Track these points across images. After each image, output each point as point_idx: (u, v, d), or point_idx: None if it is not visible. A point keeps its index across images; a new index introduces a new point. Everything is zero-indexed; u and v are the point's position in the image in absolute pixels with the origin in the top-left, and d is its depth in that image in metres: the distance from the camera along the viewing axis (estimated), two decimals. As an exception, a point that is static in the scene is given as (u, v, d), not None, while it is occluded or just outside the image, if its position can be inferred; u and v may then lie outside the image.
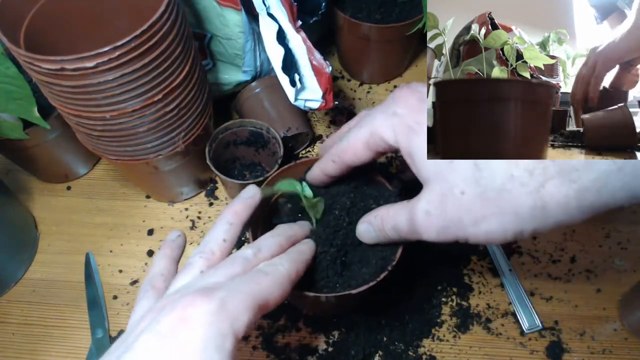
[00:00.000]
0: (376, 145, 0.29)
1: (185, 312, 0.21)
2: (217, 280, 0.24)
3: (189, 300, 0.21)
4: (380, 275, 0.32)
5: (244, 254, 0.26)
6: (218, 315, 0.21)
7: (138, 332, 0.21)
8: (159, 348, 0.20)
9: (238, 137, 0.48)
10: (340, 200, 0.35)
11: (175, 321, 0.21)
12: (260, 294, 0.23)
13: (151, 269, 0.28)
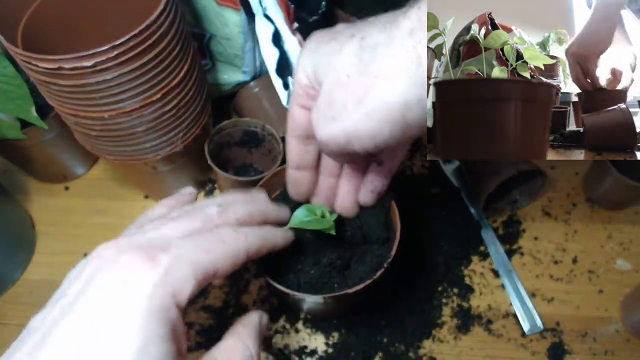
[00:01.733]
0: (304, 98, 0.27)
1: (126, 275, 0.19)
2: (172, 233, 0.22)
3: (131, 259, 0.20)
4: (377, 273, 0.32)
5: (207, 211, 0.24)
6: (163, 286, 0.19)
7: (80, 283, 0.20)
8: (99, 312, 0.19)
9: (232, 138, 0.48)
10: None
11: (116, 282, 0.19)
12: (209, 264, 0.21)
13: (148, 212, 0.26)
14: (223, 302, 0.44)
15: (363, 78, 0.23)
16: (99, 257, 0.21)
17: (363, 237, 0.35)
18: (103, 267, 0.20)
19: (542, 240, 0.48)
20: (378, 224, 0.35)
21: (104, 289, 0.19)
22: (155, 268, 0.20)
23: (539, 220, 0.49)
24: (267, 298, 0.44)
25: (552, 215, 0.49)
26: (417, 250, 0.46)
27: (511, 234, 0.48)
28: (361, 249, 0.34)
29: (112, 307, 0.19)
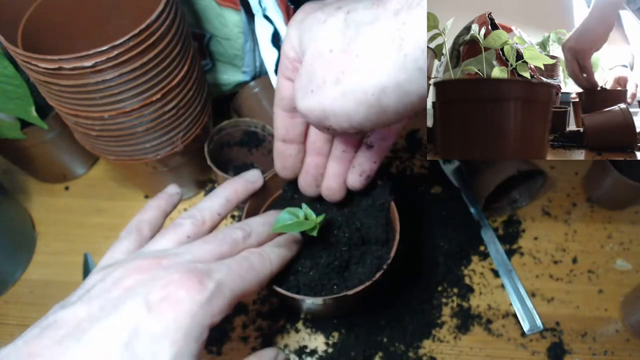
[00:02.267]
0: (290, 70, 0.27)
1: (176, 293, 0.21)
2: (205, 256, 0.24)
3: (181, 279, 0.21)
4: (376, 274, 0.32)
5: (233, 236, 0.26)
6: (205, 307, 0.21)
7: (122, 289, 0.21)
8: (144, 320, 0.20)
9: (232, 137, 0.48)
10: (336, 204, 0.35)
11: (165, 297, 0.20)
12: (243, 289, 0.24)
13: (140, 214, 0.27)
14: (223, 302, 0.44)
15: (344, 55, 0.22)
16: (140, 270, 0.22)
17: (362, 238, 0.35)
18: (149, 281, 0.21)
19: (542, 240, 0.48)
20: (377, 224, 0.35)
21: (150, 300, 0.20)
22: (202, 292, 0.21)
23: (538, 220, 0.49)
24: (267, 298, 0.44)
25: (552, 215, 0.49)
26: (417, 250, 0.46)
27: (511, 233, 0.48)
28: (360, 250, 0.34)
29: (156, 317, 0.20)
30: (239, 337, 0.42)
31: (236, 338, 0.42)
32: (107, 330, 0.20)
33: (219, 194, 0.28)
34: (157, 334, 0.20)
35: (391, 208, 0.35)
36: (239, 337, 0.42)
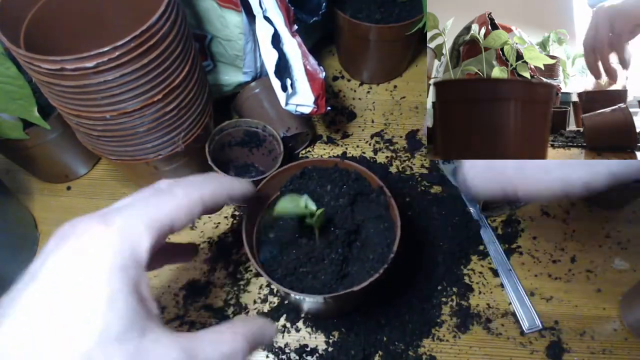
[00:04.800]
0: None
1: (82, 242, 0.20)
2: (120, 203, 0.22)
3: (85, 227, 0.20)
4: (379, 270, 0.32)
5: (158, 185, 0.24)
6: (117, 245, 0.20)
7: (43, 257, 0.20)
8: (60, 281, 0.19)
9: (233, 137, 0.48)
10: (336, 203, 0.35)
11: (75, 251, 0.19)
12: (163, 216, 0.22)
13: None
14: (223, 301, 0.44)
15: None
16: (57, 234, 0.21)
17: (361, 237, 0.35)
18: (61, 240, 0.20)
19: (540, 240, 0.48)
20: (378, 223, 0.35)
21: (64, 256, 0.20)
22: (109, 228, 0.20)
23: (537, 220, 0.49)
24: (267, 298, 0.44)
25: (550, 215, 0.49)
26: (416, 250, 0.46)
27: (510, 233, 0.48)
28: (362, 249, 0.34)
29: (74, 270, 0.19)
30: (240, 336, 0.42)
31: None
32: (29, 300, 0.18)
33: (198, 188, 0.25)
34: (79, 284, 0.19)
35: (391, 207, 0.36)
36: (240, 335, 0.42)
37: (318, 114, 0.45)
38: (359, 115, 0.57)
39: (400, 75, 0.61)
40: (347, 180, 0.36)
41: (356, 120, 0.57)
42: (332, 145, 0.55)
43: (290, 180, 0.36)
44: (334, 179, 0.36)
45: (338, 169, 0.36)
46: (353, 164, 0.36)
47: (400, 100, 0.59)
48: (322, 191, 0.36)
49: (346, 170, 0.36)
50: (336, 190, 0.35)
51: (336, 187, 0.35)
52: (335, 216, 0.34)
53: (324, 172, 0.36)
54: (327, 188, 0.36)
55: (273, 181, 0.37)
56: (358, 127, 0.56)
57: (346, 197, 0.35)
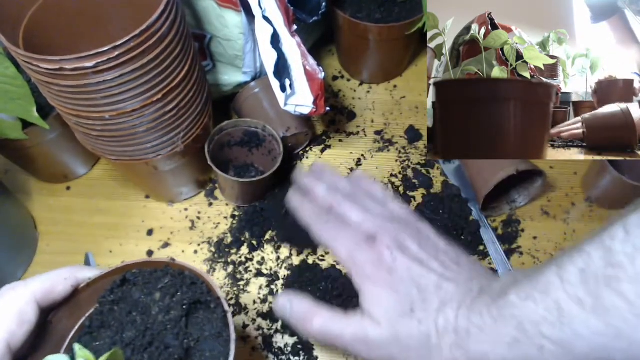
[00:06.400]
0: None
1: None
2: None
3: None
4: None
5: None
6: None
7: None
8: None
9: (232, 137, 0.48)
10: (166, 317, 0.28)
11: None
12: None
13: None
14: (224, 301, 0.44)
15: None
16: None
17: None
18: None
19: (541, 240, 0.48)
20: (216, 344, 0.29)
21: None
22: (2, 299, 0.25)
23: (538, 220, 0.49)
24: (266, 298, 0.44)
25: (551, 215, 0.49)
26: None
27: (510, 233, 0.48)
28: None
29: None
30: (239, 337, 0.42)
31: (236, 337, 0.42)
32: None
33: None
34: None
35: (228, 322, 0.28)
36: (239, 336, 0.42)
37: (317, 114, 0.45)
38: (358, 115, 0.57)
39: (400, 75, 0.61)
40: (181, 286, 0.28)
41: (356, 120, 0.57)
42: (332, 145, 0.55)
43: (110, 289, 0.28)
44: (165, 286, 0.29)
45: (169, 272, 0.29)
46: (187, 265, 0.29)
47: (400, 100, 0.59)
48: (149, 301, 0.28)
49: (180, 273, 0.29)
50: (166, 299, 0.28)
51: (166, 296, 0.28)
52: (165, 334, 0.27)
53: (151, 276, 0.29)
54: (156, 297, 0.28)
55: (89, 290, 0.29)
56: (358, 127, 0.56)
57: (179, 309, 0.28)
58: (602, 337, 0.21)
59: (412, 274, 0.28)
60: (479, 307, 0.25)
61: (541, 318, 0.23)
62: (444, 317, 0.26)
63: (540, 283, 0.23)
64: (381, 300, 0.28)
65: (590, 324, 0.21)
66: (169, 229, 0.49)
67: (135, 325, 0.27)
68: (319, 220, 0.32)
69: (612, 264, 0.21)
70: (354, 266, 0.29)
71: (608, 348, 0.21)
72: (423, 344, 0.26)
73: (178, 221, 0.49)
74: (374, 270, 0.28)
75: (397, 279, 0.28)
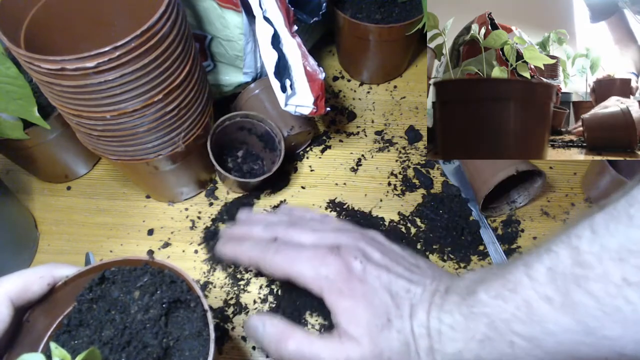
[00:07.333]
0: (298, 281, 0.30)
1: None
2: None
3: None
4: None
5: None
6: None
7: None
8: None
9: (255, 128, 0.49)
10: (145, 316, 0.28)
11: None
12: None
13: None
14: (223, 301, 0.44)
15: None
16: None
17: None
18: None
19: (540, 240, 0.48)
20: (196, 343, 0.28)
21: None
22: None
23: (537, 220, 0.49)
24: (267, 298, 0.44)
25: (550, 215, 0.49)
26: (415, 250, 0.46)
27: (510, 233, 0.48)
28: None
29: None
30: (239, 336, 0.42)
31: (236, 337, 0.42)
32: None
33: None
34: None
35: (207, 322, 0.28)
36: (239, 336, 0.42)
37: (317, 114, 0.45)
38: (359, 115, 0.57)
39: (400, 75, 0.61)
40: (160, 285, 0.28)
41: (356, 120, 0.57)
42: (332, 146, 0.55)
43: (89, 287, 0.28)
44: (144, 284, 0.28)
45: (148, 270, 0.29)
46: (167, 263, 0.29)
47: (400, 100, 0.59)
48: (128, 299, 0.28)
49: (159, 272, 0.29)
50: (145, 298, 0.28)
51: (145, 294, 0.28)
52: (143, 333, 0.27)
53: (130, 274, 0.29)
54: (135, 295, 0.28)
55: (67, 288, 0.28)
56: (358, 127, 0.56)
57: (158, 307, 0.27)
58: (571, 333, 0.22)
59: (382, 281, 0.27)
60: (449, 307, 0.26)
61: (511, 316, 0.23)
62: (417, 321, 0.26)
63: (509, 282, 0.24)
64: (358, 316, 0.27)
65: (559, 320, 0.22)
66: (169, 228, 0.49)
67: (114, 324, 0.27)
68: (266, 252, 0.30)
69: (580, 263, 0.21)
70: (324, 282, 0.28)
71: (577, 343, 0.22)
72: (404, 355, 0.26)
73: (178, 221, 0.50)
74: (346, 284, 0.28)
75: (370, 289, 0.27)
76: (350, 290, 0.28)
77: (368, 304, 0.27)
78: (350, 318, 0.27)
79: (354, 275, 0.28)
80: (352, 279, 0.28)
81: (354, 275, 0.28)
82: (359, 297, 0.27)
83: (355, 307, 0.27)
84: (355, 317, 0.27)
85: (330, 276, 0.28)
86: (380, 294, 0.27)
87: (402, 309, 0.27)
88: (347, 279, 0.28)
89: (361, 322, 0.27)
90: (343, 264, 0.28)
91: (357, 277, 0.28)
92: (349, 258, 0.28)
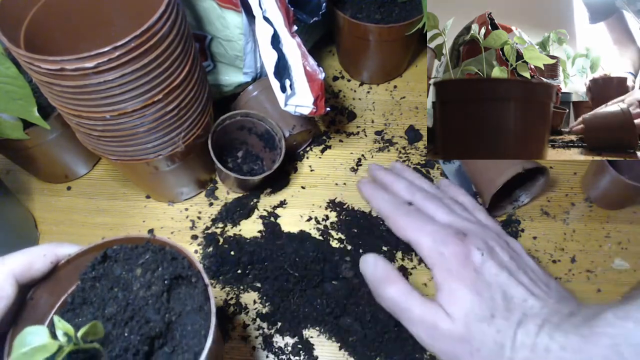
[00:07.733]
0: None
1: None
2: None
3: None
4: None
5: None
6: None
7: None
8: None
9: (255, 127, 0.49)
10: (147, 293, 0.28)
11: None
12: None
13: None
14: (224, 301, 0.44)
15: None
16: None
17: (178, 339, 0.28)
18: None
19: (540, 240, 0.48)
20: (197, 318, 0.28)
21: None
22: None
23: (537, 220, 0.49)
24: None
25: (550, 215, 0.49)
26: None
27: (510, 233, 0.48)
28: (171, 356, 0.27)
29: None
30: (239, 337, 0.42)
31: (236, 337, 0.42)
32: None
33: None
34: None
35: (208, 296, 0.28)
36: (239, 336, 0.42)
37: (317, 114, 0.45)
38: (359, 115, 0.57)
39: (400, 75, 0.61)
40: (162, 262, 0.29)
41: (356, 120, 0.57)
42: (332, 146, 0.55)
43: (91, 265, 0.28)
44: (146, 261, 0.29)
45: (150, 248, 0.29)
46: (168, 240, 0.29)
47: (400, 100, 0.59)
48: (130, 277, 0.28)
49: (160, 249, 0.29)
50: (147, 275, 0.28)
51: (147, 272, 0.28)
52: (146, 309, 0.27)
53: (132, 252, 0.29)
54: (137, 272, 0.28)
55: (69, 267, 0.29)
56: (358, 127, 0.56)
57: (160, 284, 0.28)
58: None
59: (499, 280, 0.27)
60: (566, 327, 0.24)
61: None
62: (524, 331, 0.25)
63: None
64: (461, 300, 0.27)
65: None
66: (169, 228, 0.49)
67: (117, 300, 0.27)
68: (397, 211, 0.31)
69: None
70: (438, 258, 0.28)
71: None
72: (494, 353, 0.25)
73: (178, 221, 0.50)
74: (459, 267, 0.28)
75: (483, 281, 0.27)
76: (460, 274, 0.28)
77: (475, 293, 0.27)
78: (453, 299, 0.27)
79: (470, 264, 0.28)
80: (467, 265, 0.28)
81: (470, 263, 0.28)
82: (467, 284, 0.27)
83: (460, 291, 0.27)
84: (457, 300, 0.27)
85: (445, 254, 0.28)
86: (492, 290, 0.27)
87: (511, 313, 0.26)
88: (462, 264, 0.28)
89: (462, 306, 0.27)
90: (463, 249, 0.28)
91: (473, 266, 0.28)
92: (471, 247, 0.28)
